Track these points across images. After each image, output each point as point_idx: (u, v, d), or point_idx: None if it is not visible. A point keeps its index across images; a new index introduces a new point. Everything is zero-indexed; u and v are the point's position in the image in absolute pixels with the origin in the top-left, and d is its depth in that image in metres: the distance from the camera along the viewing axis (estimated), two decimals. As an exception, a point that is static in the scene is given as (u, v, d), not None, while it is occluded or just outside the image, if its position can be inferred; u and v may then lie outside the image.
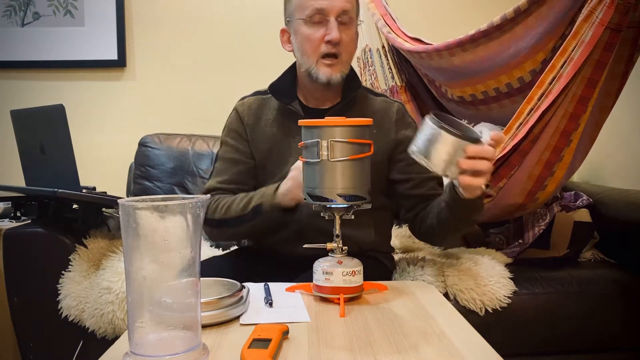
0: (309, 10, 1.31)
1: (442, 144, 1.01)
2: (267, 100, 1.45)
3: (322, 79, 1.33)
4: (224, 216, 1.32)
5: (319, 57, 1.33)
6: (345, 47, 1.34)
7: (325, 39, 1.31)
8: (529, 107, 1.46)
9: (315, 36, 1.32)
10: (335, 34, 1.30)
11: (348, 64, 1.37)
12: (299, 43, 1.36)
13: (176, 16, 2.54)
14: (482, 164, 1.03)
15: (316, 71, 1.34)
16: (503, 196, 1.56)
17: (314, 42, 1.32)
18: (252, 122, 1.43)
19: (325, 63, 1.33)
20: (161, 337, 0.75)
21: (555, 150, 1.49)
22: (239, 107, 1.46)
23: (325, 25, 1.31)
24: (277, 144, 1.40)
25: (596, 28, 1.34)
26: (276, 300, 1.05)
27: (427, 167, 1.04)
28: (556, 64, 1.42)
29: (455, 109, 2.12)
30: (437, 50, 1.88)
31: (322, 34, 1.31)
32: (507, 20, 1.63)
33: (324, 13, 1.31)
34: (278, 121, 1.41)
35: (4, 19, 2.47)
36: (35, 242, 1.53)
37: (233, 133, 1.44)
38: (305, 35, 1.33)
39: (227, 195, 1.38)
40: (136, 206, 0.72)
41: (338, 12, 1.31)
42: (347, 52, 1.35)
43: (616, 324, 1.60)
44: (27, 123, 1.66)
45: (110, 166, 2.49)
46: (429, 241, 1.47)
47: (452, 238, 1.34)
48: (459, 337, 0.88)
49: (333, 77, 1.33)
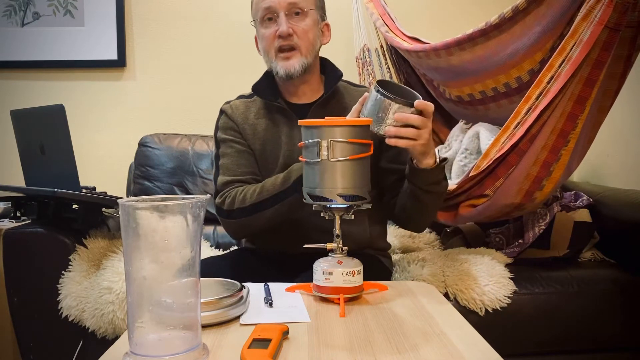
0: (261, 11, 1.38)
1: (373, 103, 1.14)
2: (251, 102, 1.47)
3: (281, 73, 1.38)
4: (257, 199, 1.30)
5: (276, 52, 1.38)
6: (302, 37, 1.37)
7: (277, 34, 1.36)
8: (526, 107, 1.46)
9: (268, 34, 1.38)
10: (283, 27, 1.35)
11: (310, 54, 1.39)
12: (260, 44, 1.43)
13: (176, 16, 2.54)
14: (406, 129, 1.13)
15: (276, 66, 1.39)
16: (500, 196, 1.56)
17: (268, 39, 1.38)
18: (241, 121, 1.44)
19: (281, 57, 1.38)
20: (161, 337, 0.75)
21: (553, 150, 1.48)
22: (226, 109, 1.48)
23: (277, 22, 1.36)
24: (269, 138, 1.42)
25: (595, 27, 1.33)
26: (276, 300, 1.05)
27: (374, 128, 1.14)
28: (554, 63, 1.42)
29: (454, 108, 2.12)
30: (435, 49, 1.88)
31: (274, 30, 1.37)
32: (505, 20, 1.62)
33: (273, 10, 1.36)
34: (265, 117, 1.44)
35: (4, 19, 2.47)
36: (35, 242, 1.53)
37: (228, 130, 1.45)
38: (261, 35, 1.40)
39: (248, 185, 1.36)
40: (136, 206, 0.72)
41: (285, 7, 1.36)
42: (304, 41, 1.38)
43: (616, 323, 1.60)
44: (27, 123, 1.66)
45: (110, 166, 2.49)
46: (404, 222, 1.46)
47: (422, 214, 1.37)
48: (459, 337, 0.88)
49: (292, 69, 1.37)
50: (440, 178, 1.29)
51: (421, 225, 1.48)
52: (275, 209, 1.29)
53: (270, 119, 1.43)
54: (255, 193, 1.31)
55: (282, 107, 1.41)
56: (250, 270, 1.32)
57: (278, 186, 1.28)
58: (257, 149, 1.43)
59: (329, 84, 1.43)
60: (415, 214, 1.37)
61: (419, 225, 1.47)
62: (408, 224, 1.46)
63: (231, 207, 1.33)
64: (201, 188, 2.22)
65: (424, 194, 1.28)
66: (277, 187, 1.29)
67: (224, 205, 1.34)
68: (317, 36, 1.41)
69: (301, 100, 1.44)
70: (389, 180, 1.40)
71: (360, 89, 1.47)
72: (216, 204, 1.37)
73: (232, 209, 1.33)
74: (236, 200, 1.33)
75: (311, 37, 1.39)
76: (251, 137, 1.43)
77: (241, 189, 1.34)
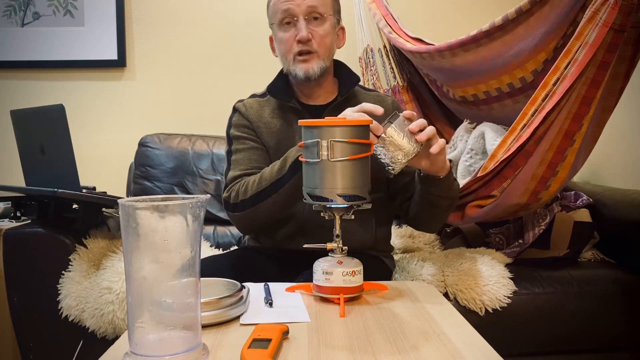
0: (279, 14, 1.38)
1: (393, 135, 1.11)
2: (265, 101, 1.48)
3: (300, 75, 1.39)
4: (258, 188, 1.30)
5: (294, 55, 1.39)
6: (320, 42, 1.39)
7: (297, 39, 1.37)
8: (533, 108, 1.47)
9: (287, 37, 1.39)
10: (303, 33, 1.36)
11: (327, 57, 1.42)
12: (277, 46, 1.44)
13: (176, 16, 2.54)
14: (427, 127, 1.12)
15: (294, 69, 1.40)
16: (507, 196, 1.56)
17: (287, 43, 1.39)
18: (255, 120, 1.45)
19: (300, 59, 1.39)
20: (161, 337, 0.75)
21: (558, 150, 1.49)
22: (239, 107, 1.49)
23: (296, 26, 1.37)
24: (283, 137, 1.43)
25: (600, 29, 1.34)
26: (276, 300, 1.05)
27: (405, 159, 1.11)
28: (560, 65, 1.42)
29: (457, 108, 2.12)
30: (438, 50, 1.88)
31: (293, 34, 1.38)
32: (508, 21, 1.63)
33: (292, 14, 1.37)
34: (279, 116, 1.45)
35: (4, 19, 2.47)
36: (35, 242, 1.53)
37: (241, 127, 1.46)
38: (280, 38, 1.40)
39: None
40: (136, 206, 0.72)
41: (305, 11, 1.37)
42: (322, 46, 1.39)
43: (616, 323, 1.60)
44: (27, 123, 1.66)
45: (110, 166, 2.49)
46: (418, 225, 1.48)
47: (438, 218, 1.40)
48: (459, 337, 0.87)
49: (310, 71, 1.38)
50: (453, 180, 1.31)
51: (436, 227, 1.53)
52: (273, 198, 1.29)
53: (284, 118, 1.44)
54: (255, 183, 1.31)
55: (296, 108, 1.42)
56: (250, 270, 1.32)
57: (275, 174, 1.29)
58: (271, 147, 1.43)
59: (344, 87, 1.45)
60: (431, 218, 1.39)
61: (433, 227, 1.51)
62: (422, 226, 1.48)
63: (236, 200, 1.34)
64: (201, 188, 2.22)
65: (441, 200, 1.30)
66: (274, 174, 1.29)
67: (230, 199, 1.35)
68: (333, 40, 1.44)
69: (315, 102, 1.46)
70: (401, 182, 1.40)
71: (372, 93, 1.50)
72: (224, 198, 1.38)
73: (236, 202, 1.34)
74: (239, 193, 1.33)
75: (328, 42, 1.41)
76: (266, 134, 1.43)
77: (243, 181, 1.35)
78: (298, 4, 1.36)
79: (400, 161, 1.11)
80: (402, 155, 1.11)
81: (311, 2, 1.36)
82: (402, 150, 1.11)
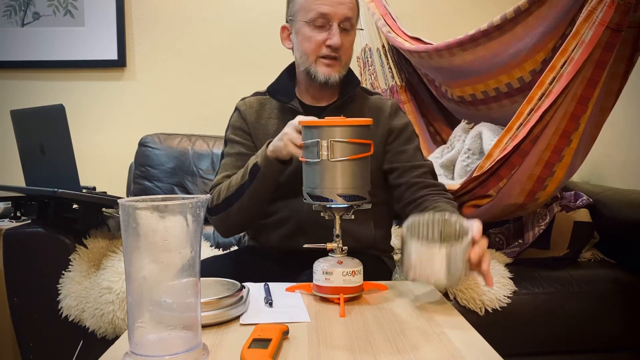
0: (313, 13, 1.35)
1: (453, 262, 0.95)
2: (266, 100, 1.48)
3: (320, 78, 1.37)
4: (227, 193, 1.34)
5: (318, 57, 1.37)
6: (345, 51, 1.39)
7: (327, 43, 1.36)
8: (529, 107, 1.46)
9: (316, 39, 1.36)
10: (337, 39, 1.34)
11: (347, 66, 1.42)
12: (300, 43, 1.40)
13: (176, 16, 2.54)
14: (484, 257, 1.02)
15: (315, 70, 1.38)
16: (503, 196, 1.56)
17: (315, 44, 1.37)
18: (253, 120, 1.46)
19: (324, 62, 1.37)
20: (161, 337, 0.75)
21: (555, 150, 1.49)
22: (240, 106, 1.49)
23: (328, 30, 1.36)
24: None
25: (596, 28, 1.33)
26: (276, 300, 1.05)
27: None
28: (556, 64, 1.42)
29: (456, 108, 2.12)
30: (437, 50, 1.88)
31: (323, 37, 1.36)
32: (507, 20, 1.63)
33: (328, 18, 1.35)
34: (279, 118, 1.44)
35: (4, 19, 2.47)
36: (35, 242, 1.53)
37: (237, 130, 1.47)
38: (307, 37, 1.37)
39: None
40: (136, 206, 0.72)
41: (341, 19, 1.35)
42: (346, 55, 1.40)
43: (616, 323, 1.60)
44: (27, 123, 1.66)
45: (110, 166, 2.49)
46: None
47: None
48: (459, 337, 0.88)
49: (331, 77, 1.38)
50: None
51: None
52: (240, 202, 1.32)
53: (282, 119, 1.43)
54: (225, 188, 1.35)
55: (296, 109, 1.42)
56: (250, 270, 1.32)
57: (239, 179, 1.32)
58: None
59: (345, 89, 1.44)
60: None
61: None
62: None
63: (211, 204, 1.37)
64: (201, 188, 2.22)
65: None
66: (239, 180, 1.32)
67: (209, 203, 1.37)
68: (352, 51, 1.44)
69: (317, 103, 1.46)
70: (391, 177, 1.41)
71: (374, 96, 1.49)
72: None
73: (211, 206, 1.37)
74: (214, 198, 1.37)
75: (351, 52, 1.42)
76: (262, 136, 1.44)
77: (220, 186, 1.38)
78: (336, 11, 1.34)
79: (428, 281, 0.96)
80: (435, 280, 0.95)
81: (347, 12, 1.36)
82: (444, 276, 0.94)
